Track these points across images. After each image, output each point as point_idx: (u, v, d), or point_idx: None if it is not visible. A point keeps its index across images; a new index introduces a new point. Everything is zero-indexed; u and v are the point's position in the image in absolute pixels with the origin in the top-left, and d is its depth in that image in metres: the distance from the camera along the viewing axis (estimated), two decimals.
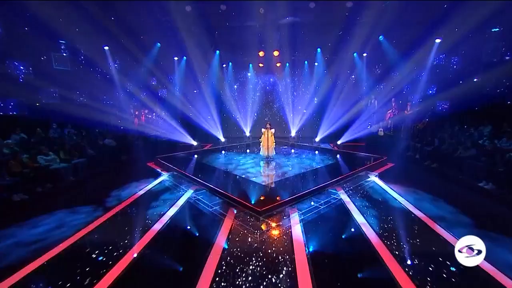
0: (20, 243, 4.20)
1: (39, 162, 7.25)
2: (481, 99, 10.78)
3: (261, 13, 9.89)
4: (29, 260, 3.66)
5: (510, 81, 10.34)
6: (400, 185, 6.66)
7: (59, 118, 10.21)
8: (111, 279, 3.21)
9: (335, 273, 3.36)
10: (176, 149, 11.32)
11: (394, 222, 4.69)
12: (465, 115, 10.93)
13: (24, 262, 3.62)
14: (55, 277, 3.31)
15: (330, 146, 12.81)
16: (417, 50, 11.26)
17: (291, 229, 4.44)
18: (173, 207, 5.47)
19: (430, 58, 11.55)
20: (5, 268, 3.49)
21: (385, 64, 13.17)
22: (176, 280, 3.28)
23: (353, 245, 4.02)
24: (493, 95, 10.87)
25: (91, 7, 9.31)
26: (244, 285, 3.09)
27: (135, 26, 10.84)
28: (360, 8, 10.04)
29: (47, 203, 5.84)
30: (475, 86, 11.13)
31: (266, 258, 3.64)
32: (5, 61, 9.03)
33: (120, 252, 3.79)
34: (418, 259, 3.56)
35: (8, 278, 3.29)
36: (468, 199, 5.96)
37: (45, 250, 3.89)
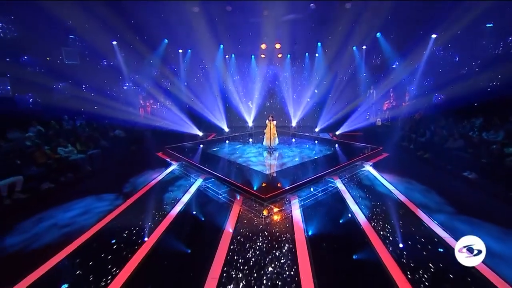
0: (56, 224, 4.87)
1: (59, 153, 7.85)
2: (475, 92, 11.22)
3: (265, 14, 10.20)
4: (65, 238, 4.32)
5: (503, 75, 10.75)
6: (392, 174, 7.25)
7: (70, 110, 10.73)
8: (139, 258, 3.83)
9: (329, 251, 4.00)
10: (183, 139, 11.85)
11: (382, 208, 5.32)
12: (459, 107, 11.38)
13: (60, 240, 4.28)
14: (88, 257, 3.93)
15: (329, 136, 13.35)
16: (413, 45, 11.59)
17: (292, 213, 5.09)
18: (186, 194, 6.11)
19: (426, 52, 11.90)
20: (45, 246, 4.16)
21: (383, 56, 13.51)
22: (195, 257, 3.92)
23: (345, 228, 4.66)
24: (487, 89, 11.31)
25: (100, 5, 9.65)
26: (253, 258, 3.74)
27: (143, 22, 11.15)
28: (359, 5, 10.34)
29: (72, 191, 6.48)
30: (470, 80, 11.54)
31: (270, 237, 4.29)
32: (20, 57, 9.47)
33: (142, 236, 4.41)
34: (400, 239, 4.20)
35: (52, 256, 3.94)
36: (452, 188, 6.56)
37: (76, 232, 4.54)
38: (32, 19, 9.11)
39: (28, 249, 4.12)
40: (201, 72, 14.59)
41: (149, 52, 12.80)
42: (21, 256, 3.97)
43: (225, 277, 3.38)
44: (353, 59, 14.10)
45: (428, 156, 9.23)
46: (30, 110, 9.99)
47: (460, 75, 11.79)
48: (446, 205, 5.36)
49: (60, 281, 3.41)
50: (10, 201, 5.72)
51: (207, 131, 13.92)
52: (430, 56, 12.12)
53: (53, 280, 3.44)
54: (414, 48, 11.84)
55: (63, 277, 3.49)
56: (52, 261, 3.78)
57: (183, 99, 14.57)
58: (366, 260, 3.77)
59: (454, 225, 4.59)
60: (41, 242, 4.29)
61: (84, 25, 10.08)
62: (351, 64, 14.31)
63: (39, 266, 3.65)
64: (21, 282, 3.36)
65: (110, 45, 11.60)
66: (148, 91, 13.95)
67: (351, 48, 13.57)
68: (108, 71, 12.11)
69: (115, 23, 10.45)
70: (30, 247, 4.17)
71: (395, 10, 10.10)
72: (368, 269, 3.58)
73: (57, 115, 10.24)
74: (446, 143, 8.79)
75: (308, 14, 11.08)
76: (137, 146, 10.94)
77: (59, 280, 3.42)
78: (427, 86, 13.40)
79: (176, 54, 13.98)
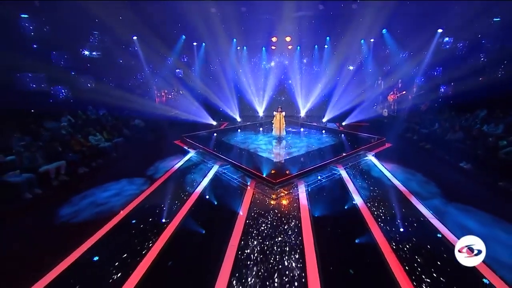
0: (95, 202, 5.77)
1: (90, 141, 8.78)
2: (482, 85, 11.49)
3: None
4: (103, 214, 5.20)
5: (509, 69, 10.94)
6: (392, 163, 7.85)
7: (93, 101, 11.61)
8: (172, 229, 4.66)
9: (330, 227, 4.73)
10: (198, 128, 12.59)
11: (378, 192, 6.01)
12: (465, 99, 11.67)
13: (99, 215, 5.16)
14: (126, 230, 4.78)
15: (336, 126, 13.87)
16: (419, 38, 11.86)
17: (298, 196, 5.84)
18: (205, 178, 6.93)
19: (431, 46, 12.15)
20: (88, 221, 5.06)
21: (390, 49, 13.79)
22: (217, 229, 4.72)
23: (345, 209, 5.38)
24: (494, 81, 11.53)
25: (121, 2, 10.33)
26: (265, 231, 4.53)
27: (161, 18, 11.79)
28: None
29: (104, 175, 7.36)
30: (478, 72, 11.77)
31: (279, 215, 5.07)
32: (50, 53, 10.34)
33: (171, 213, 5.23)
34: (390, 219, 4.91)
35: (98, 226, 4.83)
36: (446, 176, 7.09)
37: (111, 209, 5.37)
38: (61, 18, 9.88)
39: (78, 219, 5.05)
40: (214, 64, 15.23)
41: (166, 46, 13.46)
42: (72, 226, 4.87)
43: (243, 245, 4.19)
44: (361, 52, 14.41)
45: (429, 147, 9.72)
46: (61, 102, 10.94)
47: (467, 67, 12.03)
48: (437, 192, 5.99)
49: (110, 244, 4.29)
50: (57, 182, 6.68)
51: (220, 121, 14.66)
52: (436, 49, 12.38)
53: (104, 243, 4.32)
54: (420, 42, 12.10)
55: (110, 243, 4.37)
56: (102, 230, 4.66)
57: (197, 90, 15.29)
58: (360, 233, 4.48)
59: (440, 209, 5.26)
60: (86, 215, 5.22)
61: (107, 21, 10.74)
62: (359, 56, 14.62)
63: (87, 235, 4.45)
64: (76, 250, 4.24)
65: (130, 40, 12.31)
66: (164, 82, 14.71)
67: (359, 41, 13.87)
68: (128, 64, 12.88)
69: (135, 20, 11.11)
70: (78, 218, 5.08)
71: (402, 4, 10.40)
72: (361, 240, 4.31)
73: (83, 105, 11.16)
74: (447, 135, 9.27)
75: (317, 11, 11.46)
76: (155, 134, 11.80)
77: (109, 244, 4.30)
78: (434, 78, 13.67)
79: (191, 47, 14.60)
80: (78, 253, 4.02)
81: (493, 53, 11.11)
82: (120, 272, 3.61)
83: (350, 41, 13.34)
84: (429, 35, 11.83)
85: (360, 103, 14.61)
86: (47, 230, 4.86)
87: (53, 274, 3.59)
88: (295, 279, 3.46)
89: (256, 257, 3.89)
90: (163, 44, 13.19)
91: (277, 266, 3.70)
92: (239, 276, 3.51)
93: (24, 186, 5.87)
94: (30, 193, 5.95)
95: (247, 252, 4.00)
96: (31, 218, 5.35)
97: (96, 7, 10.08)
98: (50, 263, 3.75)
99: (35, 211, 5.54)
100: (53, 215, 5.23)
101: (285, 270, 3.62)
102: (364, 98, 14.74)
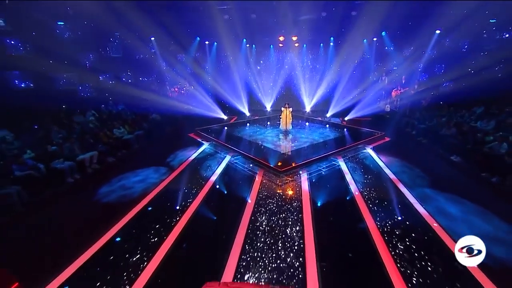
0: (124, 186, 6.77)
1: (115, 134, 9.81)
2: (481, 82, 12.01)
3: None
4: (133, 195, 6.19)
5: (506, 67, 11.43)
6: (388, 156, 8.63)
7: (113, 97, 12.64)
8: (194, 207, 5.63)
9: (326, 209, 5.61)
10: (210, 122, 13.48)
11: (371, 180, 6.85)
12: (464, 96, 12.22)
13: (129, 197, 6.15)
14: (153, 210, 5.79)
15: (340, 120, 14.57)
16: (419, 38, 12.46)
17: (301, 182, 6.74)
18: (219, 167, 7.87)
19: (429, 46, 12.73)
20: (121, 201, 6.06)
21: (391, 48, 14.41)
22: (232, 209, 5.65)
23: (340, 194, 6.22)
24: (492, 79, 12.04)
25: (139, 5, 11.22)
26: (272, 209, 5.45)
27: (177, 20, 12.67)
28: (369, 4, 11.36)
29: (130, 164, 8.34)
30: (477, 70, 12.29)
31: (284, 197, 5.99)
32: (78, 55, 11.39)
33: (191, 195, 6.20)
34: (379, 203, 5.75)
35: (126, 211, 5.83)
36: (436, 168, 7.84)
37: (141, 193, 6.35)
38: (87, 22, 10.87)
39: (113, 199, 6.07)
40: (225, 61, 16.10)
41: (181, 45, 14.38)
42: (109, 204, 5.89)
43: (253, 219, 5.12)
44: (364, 50, 15.02)
45: (425, 141, 10.41)
46: (85, 98, 12.02)
47: (467, 65, 12.56)
48: (425, 182, 6.79)
49: (143, 219, 5.28)
50: (91, 170, 7.72)
51: (230, 115, 15.56)
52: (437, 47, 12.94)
53: (138, 218, 5.31)
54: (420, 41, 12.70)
55: (143, 218, 5.37)
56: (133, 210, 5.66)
57: (209, 86, 16.22)
58: (351, 214, 5.36)
59: (424, 195, 6.07)
60: (119, 195, 6.23)
61: (127, 23, 11.65)
62: (362, 54, 15.24)
63: (122, 213, 5.44)
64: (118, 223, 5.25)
65: (148, 40, 13.26)
66: (177, 79, 15.67)
67: (362, 41, 14.53)
68: (145, 62, 13.86)
69: (153, 21, 11.99)
70: (114, 198, 6.10)
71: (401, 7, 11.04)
72: (352, 218, 5.19)
73: (104, 102, 12.20)
74: (441, 130, 9.95)
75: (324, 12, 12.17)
76: (171, 128, 12.78)
77: (142, 218, 5.30)
78: (436, 75, 14.20)
79: (203, 46, 15.48)
80: (120, 224, 5.03)
81: (493, 52, 11.59)
82: (157, 237, 4.60)
83: (353, 40, 13.93)
84: (429, 34, 12.39)
85: (362, 98, 15.25)
86: (90, 207, 5.88)
87: (100, 243, 4.54)
88: (295, 245, 4.38)
89: (263, 228, 4.82)
90: (178, 43, 14.08)
91: (280, 235, 4.63)
92: (250, 243, 4.45)
93: (67, 172, 6.92)
94: (72, 178, 7.01)
95: (257, 225, 4.93)
96: (76, 198, 6.39)
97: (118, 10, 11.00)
98: (93, 234, 4.69)
99: (78, 193, 6.58)
100: (93, 195, 6.27)
101: (288, 238, 4.54)
102: (366, 94, 15.37)
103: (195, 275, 3.83)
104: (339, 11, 12.29)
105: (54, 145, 7.55)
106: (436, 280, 3.68)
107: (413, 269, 3.86)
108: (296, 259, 4.08)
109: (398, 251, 4.22)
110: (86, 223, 5.24)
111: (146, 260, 4.09)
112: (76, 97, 11.59)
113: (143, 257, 4.16)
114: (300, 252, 4.22)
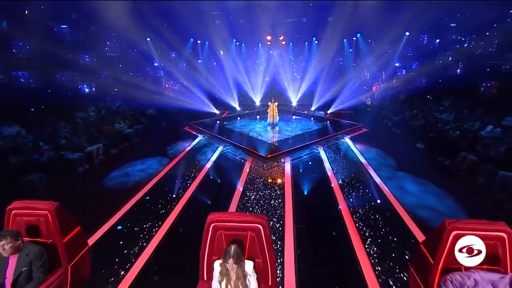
0: (129, 173, 7.69)
1: (116, 128, 10.64)
2: (450, 77, 13.35)
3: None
4: (136, 182, 7.14)
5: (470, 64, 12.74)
6: (363, 144, 9.80)
7: (111, 94, 13.40)
8: (195, 185, 6.65)
9: (305, 188, 6.67)
10: (203, 116, 14.38)
11: (345, 165, 7.98)
12: (435, 90, 13.54)
13: (134, 184, 7.09)
14: (156, 194, 6.76)
15: (323, 113, 15.68)
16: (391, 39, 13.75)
17: (284, 167, 7.81)
18: (213, 156, 8.86)
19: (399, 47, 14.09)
20: (126, 187, 7.00)
21: (375, 42, 15.59)
22: (225, 188, 6.67)
23: (317, 175, 7.32)
24: (459, 74, 13.39)
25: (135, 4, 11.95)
26: (259, 188, 6.51)
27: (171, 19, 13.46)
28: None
29: (132, 154, 9.23)
30: (447, 66, 13.62)
31: (269, 178, 7.06)
32: (77, 54, 12.07)
33: (189, 178, 7.19)
34: (350, 183, 6.87)
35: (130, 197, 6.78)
36: (403, 154, 9.06)
37: (144, 180, 7.27)
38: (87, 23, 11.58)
39: (119, 186, 6.99)
40: (216, 59, 16.98)
41: (175, 44, 15.18)
42: (116, 190, 6.82)
43: (243, 194, 6.16)
44: (346, 48, 16.22)
45: (398, 131, 11.63)
46: (85, 95, 12.75)
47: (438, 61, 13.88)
48: (391, 165, 7.97)
49: (147, 201, 6.25)
50: (97, 160, 8.59)
51: (222, 109, 16.48)
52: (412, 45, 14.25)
53: (143, 201, 6.28)
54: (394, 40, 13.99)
55: (147, 200, 6.34)
56: (139, 194, 6.61)
57: (201, 82, 17.09)
58: (325, 190, 6.47)
59: (388, 176, 7.24)
60: (124, 182, 7.15)
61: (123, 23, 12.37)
62: (344, 51, 16.42)
63: (128, 197, 6.44)
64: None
65: (144, 40, 14.01)
66: (171, 75, 16.49)
67: (343, 39, 15.73)
68: (141, 61, 14.61)
69: (149, 22, 12.75)
70: (120, 185, 7.03)
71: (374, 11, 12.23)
72: (326, 194, 6.29)
73: (102, 98, 12.96)
74: (412, 121, 11.18)
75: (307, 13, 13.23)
76: (167, 122, 13.64)
77: (146, 201, 6.26)
78: (412, 71, 15.48)
79: (195, 45, 16.32)
80: (131, 203, 5.99)
81: (460, 50, 12.89)
82: (164, 209, 5.59)
83: (334, 40, 15.05)
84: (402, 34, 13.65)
85: (344, 93, 16.41)
86: (100, 192, 6.79)
87: (109, 224, 5.49)
88: (277, 213, 5.46)
89: (252, 201, 5.88)
90: (172, 42, 14.86)
91: (266, 206, 5.70)
92: (242, 209, 5.50)
93: (78, 162, 7.78)
94: (82, 167, 7.87)
95: (246, 198, 5.99)
96: (87, 184, 7.28)
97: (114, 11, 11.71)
98: (104, 215, 5.41)
99: (89, 179, 7.47)
100: (102, 182, 7.18)
101: (271, 207, 5.62)
102: (348, 89, 16.53)
103: None
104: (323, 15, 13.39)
105: (62, 139, 8.37)
106: (383, 235, 4.81)
107: (368, 229, 4.96)
108: (278, 222, 5.15)
109: (358, 215, 5.34)
110: (99, 204, 6.09)
111: (157, 227, 5.07)
112: (77, 94, 12.28)
113: (155, 225, 5.14)
114: (281, 217, 5.29)
